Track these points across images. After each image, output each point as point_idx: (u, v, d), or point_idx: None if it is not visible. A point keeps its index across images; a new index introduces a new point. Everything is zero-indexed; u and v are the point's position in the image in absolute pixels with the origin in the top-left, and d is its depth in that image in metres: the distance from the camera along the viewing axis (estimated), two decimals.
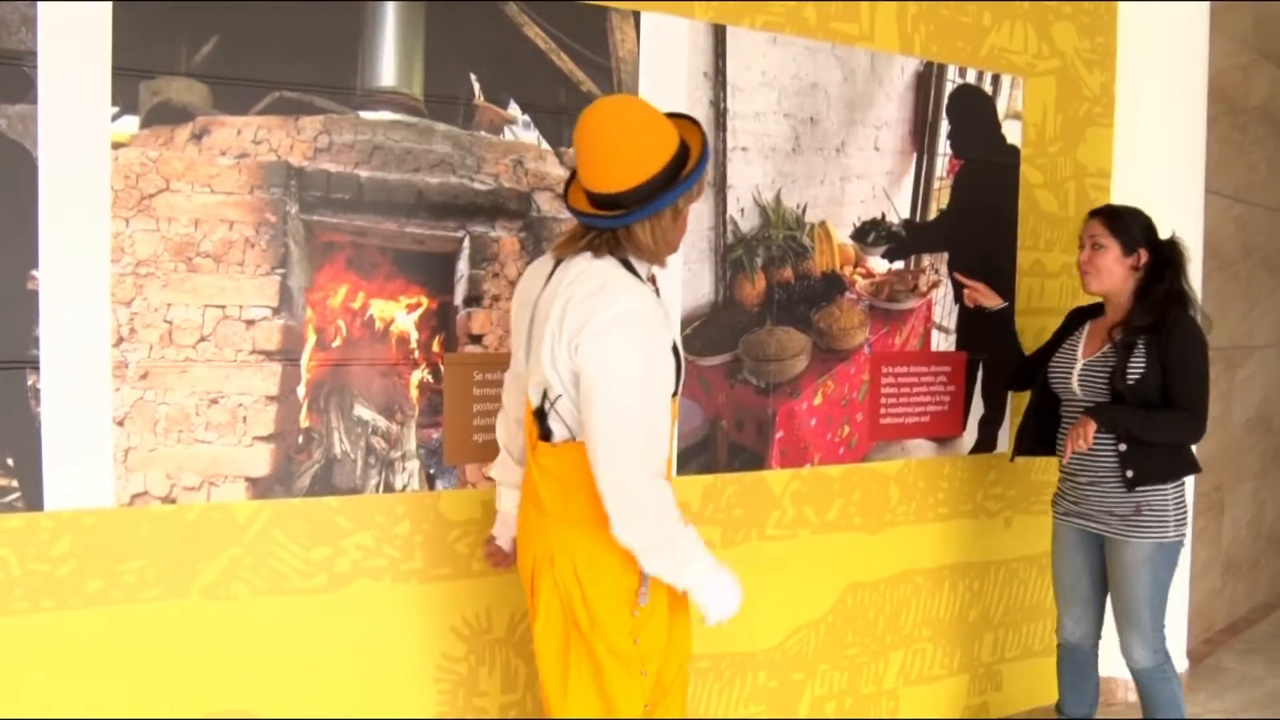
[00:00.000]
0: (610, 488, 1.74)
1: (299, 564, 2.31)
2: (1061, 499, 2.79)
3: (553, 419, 1.86)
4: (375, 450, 2.37)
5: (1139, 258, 2.63)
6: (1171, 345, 2.52)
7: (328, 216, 2.28)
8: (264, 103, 2.21)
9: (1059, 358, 2.76)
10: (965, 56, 3.18)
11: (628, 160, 1.77)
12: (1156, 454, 2.56)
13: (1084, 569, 2.76)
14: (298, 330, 2.27)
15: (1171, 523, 2.58)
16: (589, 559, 1.83)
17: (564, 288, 1.81)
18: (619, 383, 1.72)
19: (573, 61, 2.54)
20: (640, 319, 1.75)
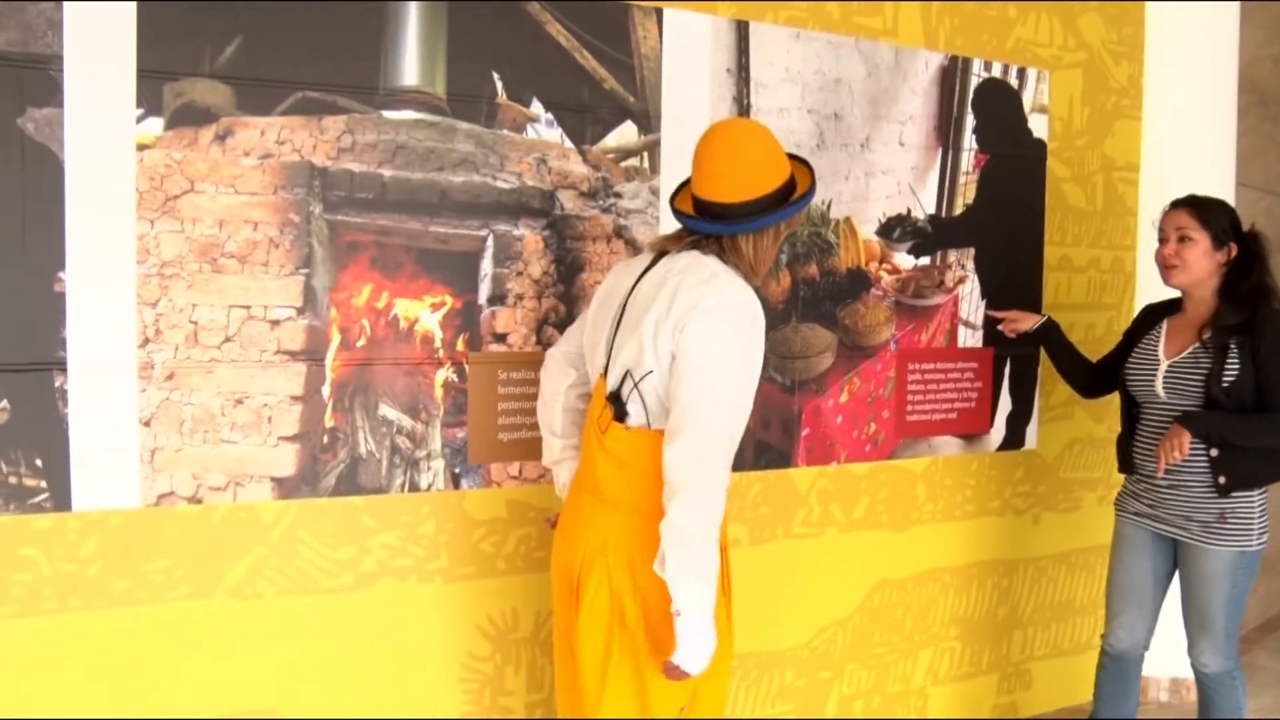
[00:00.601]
0: (683, 461, 1.75)
1: (325, 563, 2.31)
2: (1133, 499, 2.65)
3: (633, 401, 1.87)
4: (400, 450, 2.36)
5: (1229, 252, 2.49)
6: (1266, 345, 2.39)
7: (351, 216, 2.28)
8: (287, 103, 2.21)
9: (1138, 359, 2.61)
10: (990, 50, 3.14)
11: (746, 177, 1.87)
12: (1249, 459, 2.43)
13: (1149, 572, 2.62)
14: (322, 330, 2.27)
15: (1256, 530, 2.46)
16: (645, 549, 1.82)
17: (673, 276, 1.87)
18: (718, 366, 1.78)
19: (595, 59, 2.53)
20: (746, 310, 1.83)
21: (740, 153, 1.88)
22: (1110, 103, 3.42)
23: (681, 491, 1.74)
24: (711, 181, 1.89)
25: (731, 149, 1.88)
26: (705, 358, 1.77)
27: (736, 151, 1.88)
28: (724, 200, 1.87)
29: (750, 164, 1.87)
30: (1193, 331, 2.52)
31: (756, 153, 1.88)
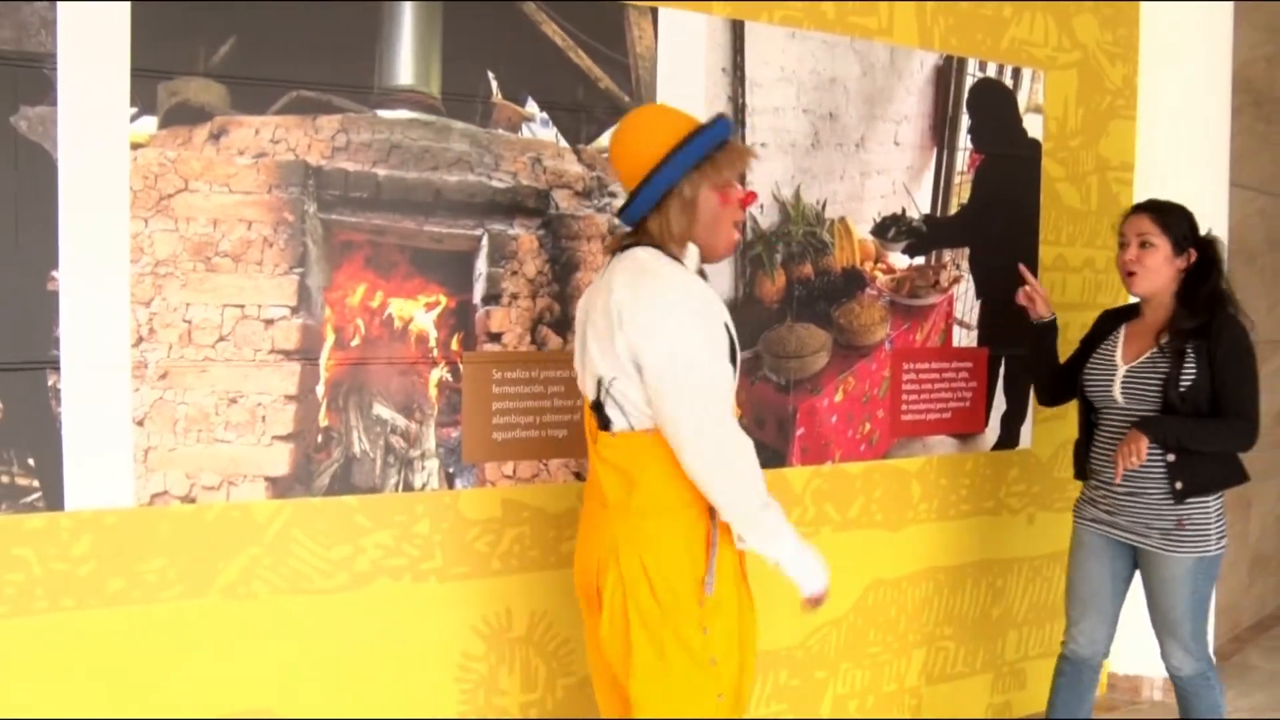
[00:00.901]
0: (694, 465, 1.77)
1: (319, 563, 2.31)
2: (1090, 505, 2.63)
3: (609, 407, 1.86)
4: (394, 449, 2.36)
5: (1189, 257, 2.49)
6: (1222, 350, 2.40)
7: (346, 215, 2.28)
8: (281, 102, 2.21)
9: (1095, 364, 2.60)
10: (985, 50, 3.15)
11: (634, 159, 1.83)
12: (1205, 464, 2.44)
13: (1108, 579, 2.60)
14: (316, 329, 2.26)
15: (1213, 535, 2.46)
16: (654, 549, 1.83)
17: (611, 279, 1.85)
18: (684, 363, 1.75)
19: (590, 59, 2.53)
20: (688, 296, 1.78)
21: (624, 139, 1.86)
22: (1105, 103, 3.43)
23: (712, 488, 1.78)
24: (618, 176, 1.91)
25: (618, 139, 1.87)
26: (669, 361, 1.75)
27: (622, 139, 1.86)
28: (629, 188, 1.86)
29: (632, 145, 1.83)
30: (1150, 337, 2.52)
31: (638, 132, 1.84)
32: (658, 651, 1.83)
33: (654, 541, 1.83)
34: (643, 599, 1.83)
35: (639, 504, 1.84)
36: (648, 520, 1.84)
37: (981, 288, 3.19)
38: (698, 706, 1.85)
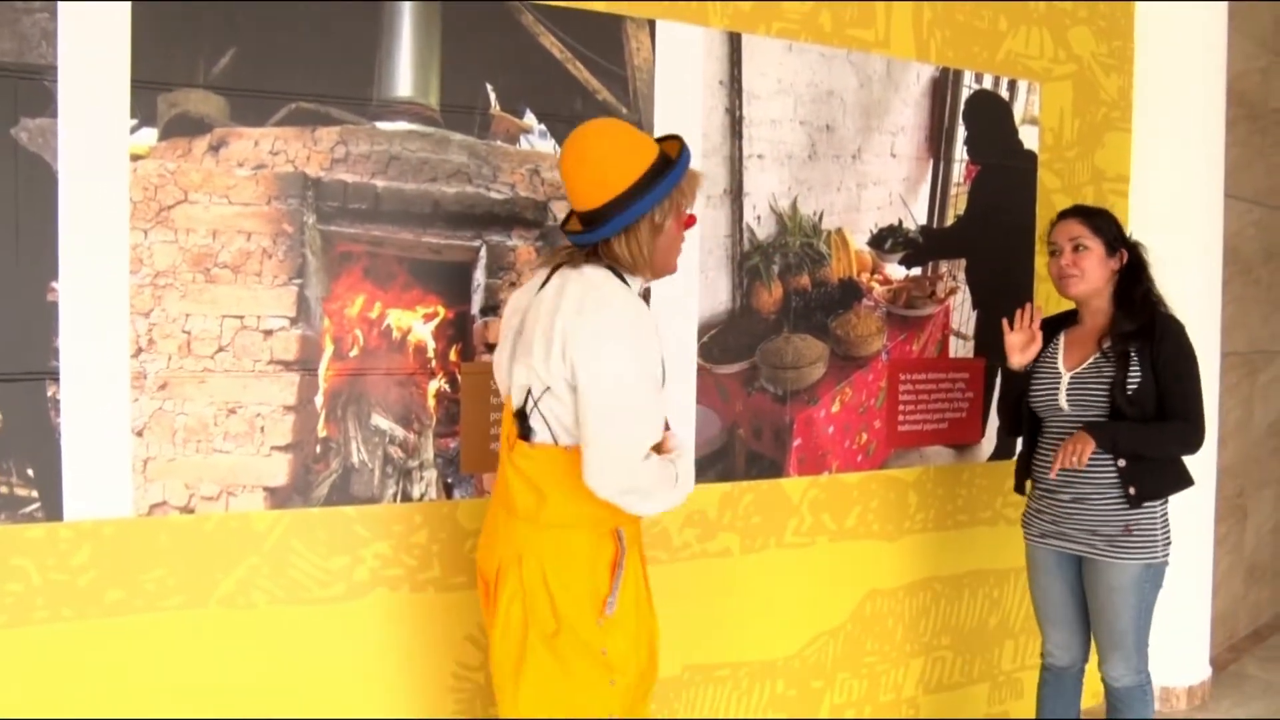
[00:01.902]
0: (605, 491, 1.79)
1: (317, 573, 2.31)
2: (1035, 519, 2.63)
3: (534, 418, 1.87)
4: (392, 459, 2.36)
5: (1121, 258, 2.53)
6: (1165, 350, 2.41)
7: (345, 227, 2.29)
8: (281, 114, 2.22)
9: (1039, 374, 2.59)
10: (981, 62, 3.16)
11: (598, 178, 1.82)
12: (1156, 468, 2.44)
13: (1066, 593, 2.60)
14: (315, 340, 2.27)
15: (1160, 542, 2.46)
16: (558, 564, 1.85)
17: (555, 294, 1.86)
18: (610, 380, 1.77)
19: (588, 70, 2.53)
20: (628, 322, 1.80)
21: (587, 155, 1.83)
22: (1100, 114, 3.45)
23: (637, 506, 1.83)
24: (573, 191, 1.87)
25: (579, 155, 1.84)
26: (595, 379, 1.77)
27: (584, 155, 1.84)
28: (588, 207, 1.84)
29: (597, 164, 1.82)
30: (1092, 342, 2.52)
31: (603, 152, 1.83)
32: (555, 663, 1.85)
33: (558, 556, 1.85)
34: (541, 612, 1.84)
35: (548, 517, 1.86)
36: (554, 534, 1.86)
37: (978, 298, 3.19)
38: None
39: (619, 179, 1.81)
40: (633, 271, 1.89)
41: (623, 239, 1.85)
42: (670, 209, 1.87)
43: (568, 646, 1.84)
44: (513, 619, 1.87)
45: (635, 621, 1.90)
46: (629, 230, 1.84)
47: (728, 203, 2.75)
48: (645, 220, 1.85)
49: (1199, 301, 3.55)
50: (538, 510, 1.86)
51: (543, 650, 1.85)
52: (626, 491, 1.79)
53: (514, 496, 1.89)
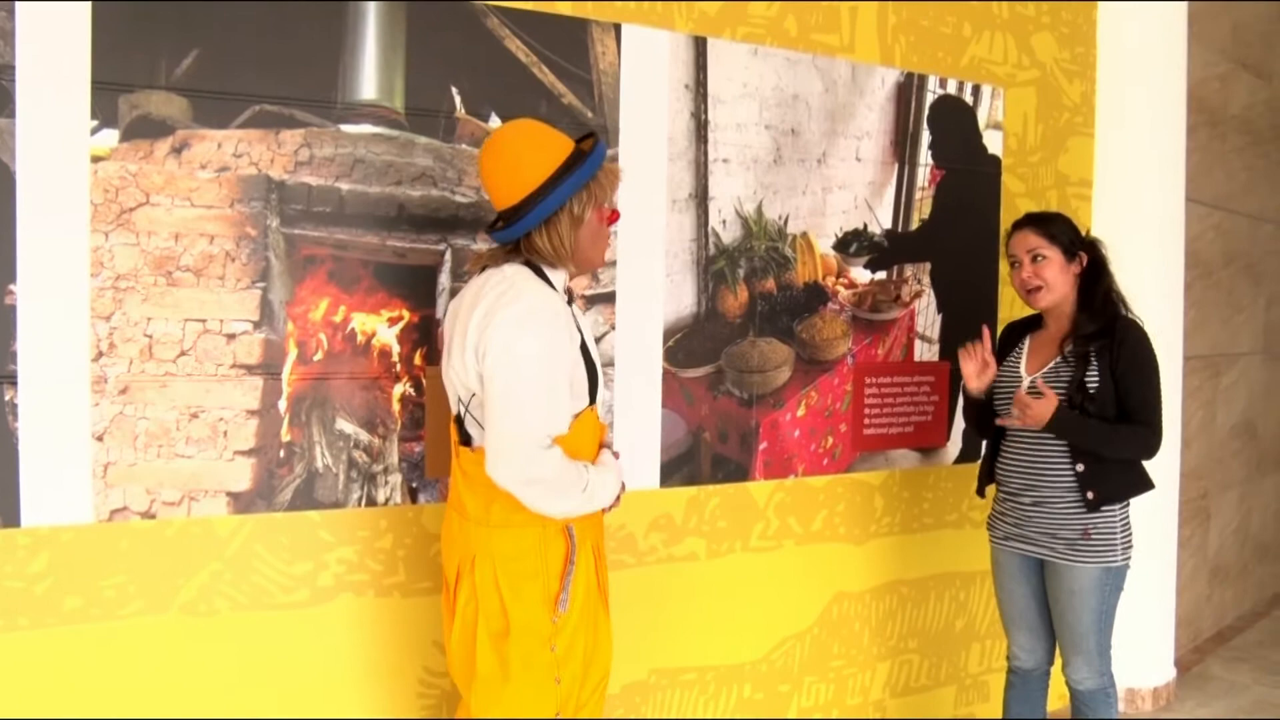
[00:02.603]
0: (503, 480, 1.82)
1: (281, 579, 2.31)
2: (999, 521, 2.65)
3: (469, 423, 1.93)
4: (357, 464, 2.37)
5: (1080, 262, 2.54)
6: (1124, 355, 2.43)
7: (309, 230, 2.29)
8: (244, 116, 2.22)
9: (1002, 379, 2.62)
10: (946, 67, 3.21)
11: (513, 176, 1.89)
12: (1115, 472, 2.46)
13: (1030, 596, 2.63)
14: (279, 344, 2.27)
15: (1119, 546, 2.48)
16: (509, 563, 1.89)
17: (474, 295, 1.92)
18: (515, 370, 1.81)
19: (554, 74, 2.55)
20: (535, 314, 1.84)
21: (503, 155, 1.90)
22: (1063, 120, 3.51)
23: (538, 502, 1.84)
24: (492, 193, 1.94)
25: (496, 155, 1.91)
26: (495, 367, 1.81)
27: (500, 155, 1.91)
28: (506, 205, 1.91)
29: (511, 162, 1.89)
30: (1054, 346, 2.55)
31: (517, 150, 1.90)
32: (502, 665, 1.88)
33: (509, 556, 1.89)
34: (492, 612, 1.88)
35: (497, 518, 1.90)
36: (505, 534, 1.90)
37: (943, 302, 3.23)
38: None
39: (534, 174, 1.88)
40: (555, 264, 1.95)
41: (543, 232, 1.92)
42: (589, 201, 1.94)
43: (514, 647, 1.87)
44: (467, 621, 1.91)
45: (585, 621, 1.93)
46: (548, 223, 1.91)
47: (693, 207, 2.77)
48: (564, 212, 1.91)
49: (1162, 305, 3.62)
50: (487, 512, 1.91)
51: (489, 651, 1.88)
52: (529, 482, 1.82)
53: (464, 500, 1.94)
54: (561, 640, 1.90)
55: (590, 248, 1.98)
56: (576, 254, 1.96)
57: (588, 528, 1.97)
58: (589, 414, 1.96)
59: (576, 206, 1.92)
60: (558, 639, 1.89)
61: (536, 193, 1.87)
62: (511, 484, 1.82)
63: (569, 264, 1.97)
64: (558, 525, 1.91)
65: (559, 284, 1.96)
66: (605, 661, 2.01)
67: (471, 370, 1.87)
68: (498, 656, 1.88)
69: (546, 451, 1.83)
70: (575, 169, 1.89)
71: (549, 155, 1.89)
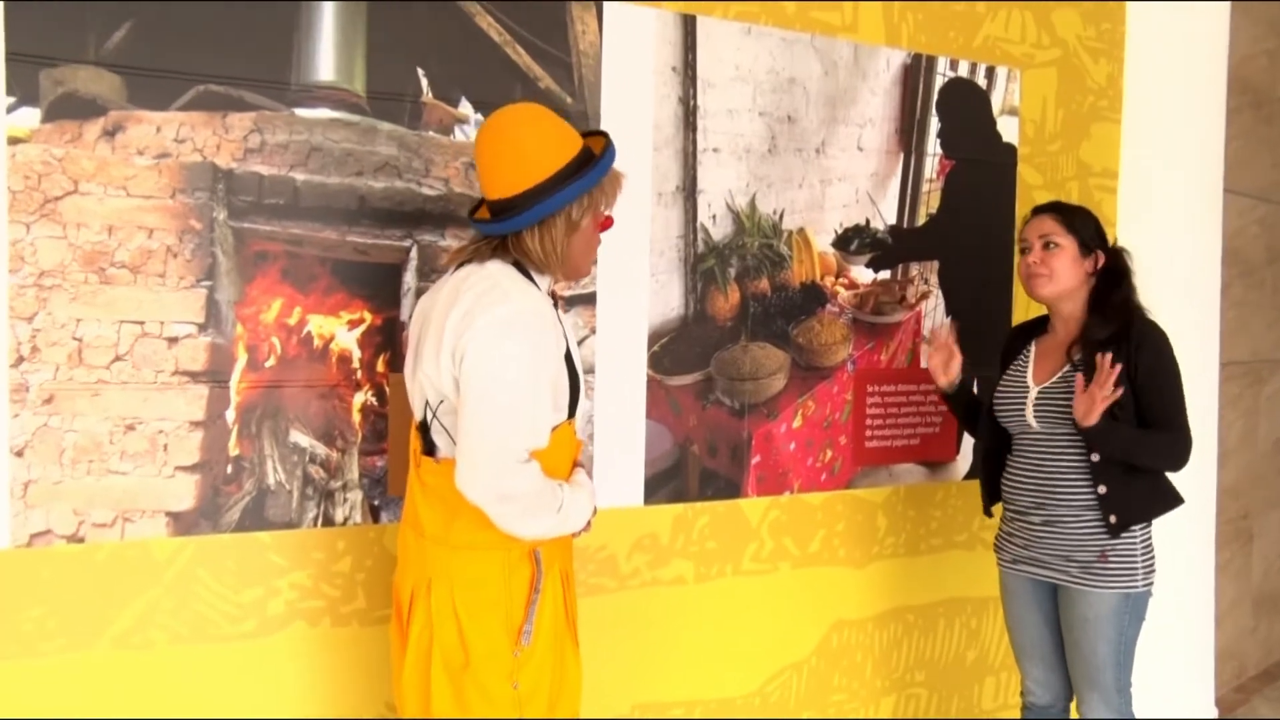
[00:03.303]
0: (475, 497, 1.80)
1: (227, 607, 2.29)
2: (1008, 543, 2.64)
3: (435, 431, 1.92)
4: (313, 480, 2.36)
5: (1096, 260, 2.53)
6: (1144, 361, 2.41)
7: (260, 224, 2.28)
8: (186, 97, 2.20)
9: (1005, 387, 2.62)
10: (957, 48, 3.19)
11: (515, 167, 1.87)
12: (1137, 491, 2.44)
13: (1043, 625, 2.61)
14: (226, 349, 2.26)
15: (1140, 570, 2.46)
16: (469, 589, 1.87)
17: (452, 292, 1.90)
18: (495, 379, 1.80)
19: (529, 55, 2.54)
20: (526, 318, 1.84)
21: (505, 141, 1.88)
22: (1087, 104, 3.48)
23: (511, 522, 1.82)
24: (486, 177, 1.92)
25: (496, 139, 1.89)
26: (473, 373, 1.80)
27: (504, 139, 1.88)
28: (501, 196, 1.89)
29: (516, 151, 1.87)
30: (1063, 352, 2.54)
31: (522, 138, 1.88)
32: (458, 702, 1.86)
33: (469, 580, 1.88)
34: (448, 642, 1.86)
35: (458, 538, 1.89)
36: (465, 556, 1.88)
37: (952, 304, 3.22)
38: None
39: (539, 167, 1.86)
40: (543, 270, 1.94)
41: (536, 233, 1.90)
42: (589, 207, 1.93)
43: (472, 682, 1.85)
44: (421, 651, 1.89)
45: (551, 654, 1.92)
46: (544, 224, 1.90)
47: (680, 200, 2.77)
48: (562, 215, 1.90)
49: (1196, 307, 3.61)
50: (446, 530, 1.89)
51: (445, 685, 1.86)
52: (503, 499, 1.80)
53: (422, 516, 1.93)
54: (525, 676, 1.88)
55: (581, 255, 1.99)
56: (567, 261, 1.96)
57: (555, 551, 1.96)
58: (566, 428, 1.95)
59: (576, 211, 1.91)
60: (520, 675, 1.88)
61: (538, 190, 1.86)
62: (484, 500, 1.80)
63: (557, 270, 1.97)
64: (523, 549, 1.90)
65: (544, 288, 1.96)
66: (573, 700, 2.00)
67: (446, 373, 1.85)
68: (454, 692, 1.87)
69: (524, 466, 1.82)
70: (584, 171, 1.88)
71: (557, 150, 1.88)
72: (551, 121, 1.92)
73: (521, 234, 1.90)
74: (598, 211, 1.96)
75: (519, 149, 1.87)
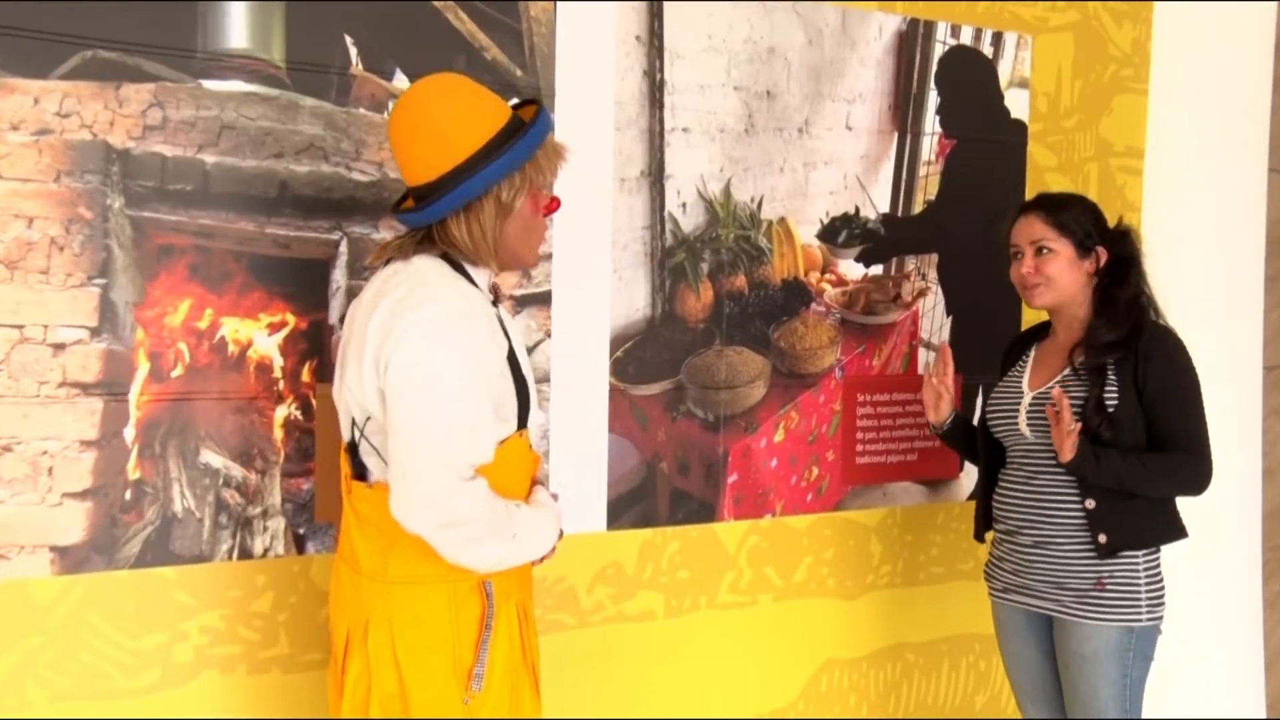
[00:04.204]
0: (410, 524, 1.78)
1: (122, 656, 2.26)
2: (997, 569, 2.66)
3: (365, 451, 1.91)
4: (228, 506, 2.36)
5: (1097, 259, 2.52)
6: (1155, 368, 2.40)
7: (163, 213, 2.26)
8: (70, 64, 2.17)
9: (1000, 394, 2.64)
10: (959, 12, 3.19)
11: (434, 142, 1.85)
12: (1136, 511, 2.43)
13: (1044, 661, 2.60)
14: (125, 356, 2.24)
15: (1144, 600, 2.43)
16: (410, 628, 1.86)
17: (374, 294, 1.89)
18: (426, 387, 1.77)
19: (474, 22, 2.54)
20: (458, 319, 1.81)
21: (421, 119, 1.86)
22: (1109, 73, 3.47)
23: (457, 551, 1.81)
24: (403, 163, 1.91)
25: (410, 118, 1.87)
26: (407, 387, 1.78)
27: (419, 117, 1.86)
28: (420, 182, 1.88)
29: (429, 127, 1.85)
30: (1064, 355, 2.54)
31: (438, 114, 1.85)
32: None
33: (410, 618, 1.86)
34: (387, 691, 1.85)
35: (396, 572, 1.87)
36: (405, 592, 1.86)
37: (953, 302, 3.24)
38: None
39: (459, 145, 1.84)
40: (474, 260, 1.92)
41: (462, 219, 1.88)
42: (522, 185, 1.90)
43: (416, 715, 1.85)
44: (358, 701, 1.89)
45: (506, 700, 1.91)
46: (469, 209, 1.87)
47: (646, 187, 2.78)
48: (490, 197, 1.87)
49: (1237, 305, 3.62)
50: (384, 564, 1.88)
51: None
52: (443, 526, 1.78)
53: (357, 549, 1.92)
54: None
55: (520, 242, 1.96)
56: (501, 249, 1.93)
57: (511, 583, 1.94)
58: (517, 441, 1.93)
59: (506, 191, 1.89)
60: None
61: (458, 170, 1.84)
62: (423, 528, 1.78)
63: (491, 260, 1.95)
64: (472, 581, 1.88)
65: (482, 282, 1.95)
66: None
67: (370, 387, 1.83)
68: None
69: (468, 485, 1.80)
70: (510, 144, 1.85)
71: (479, 122, 1.86)
72: (471, 91, 1.90)
73: (446, 222, 1.89)
74: (535, 191, 1.93)
75: (435, 126, 1.84)
